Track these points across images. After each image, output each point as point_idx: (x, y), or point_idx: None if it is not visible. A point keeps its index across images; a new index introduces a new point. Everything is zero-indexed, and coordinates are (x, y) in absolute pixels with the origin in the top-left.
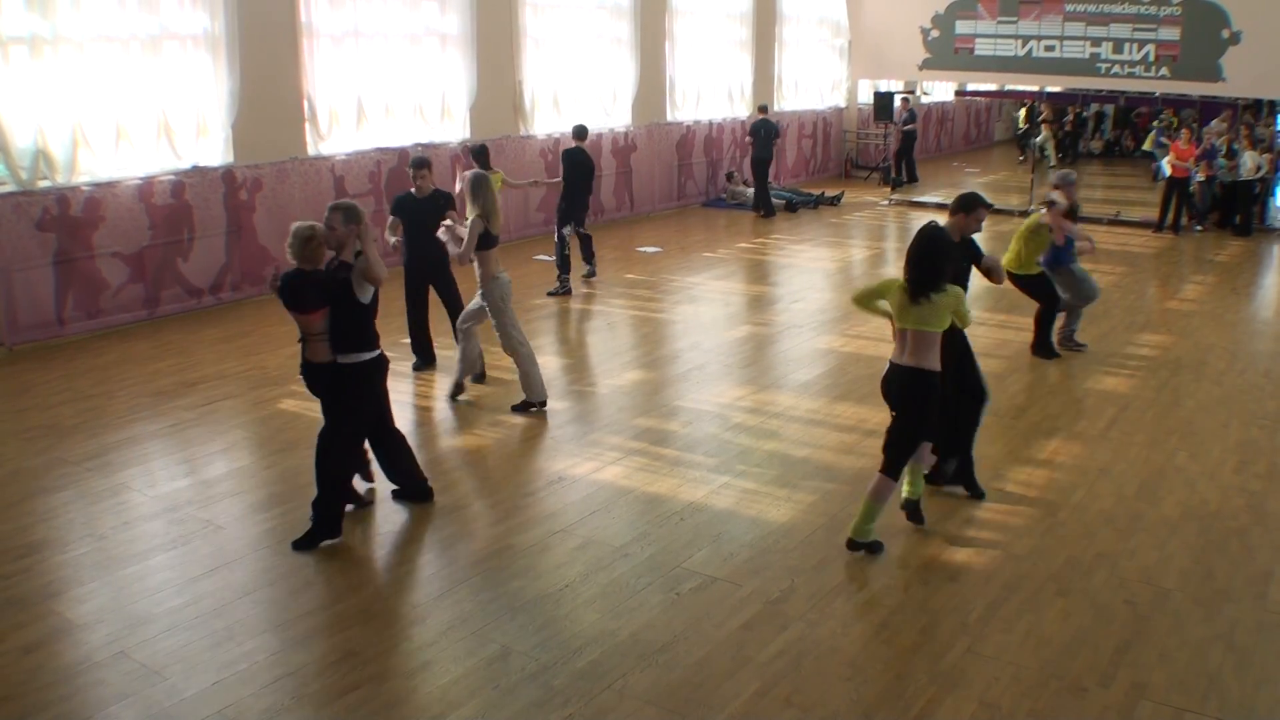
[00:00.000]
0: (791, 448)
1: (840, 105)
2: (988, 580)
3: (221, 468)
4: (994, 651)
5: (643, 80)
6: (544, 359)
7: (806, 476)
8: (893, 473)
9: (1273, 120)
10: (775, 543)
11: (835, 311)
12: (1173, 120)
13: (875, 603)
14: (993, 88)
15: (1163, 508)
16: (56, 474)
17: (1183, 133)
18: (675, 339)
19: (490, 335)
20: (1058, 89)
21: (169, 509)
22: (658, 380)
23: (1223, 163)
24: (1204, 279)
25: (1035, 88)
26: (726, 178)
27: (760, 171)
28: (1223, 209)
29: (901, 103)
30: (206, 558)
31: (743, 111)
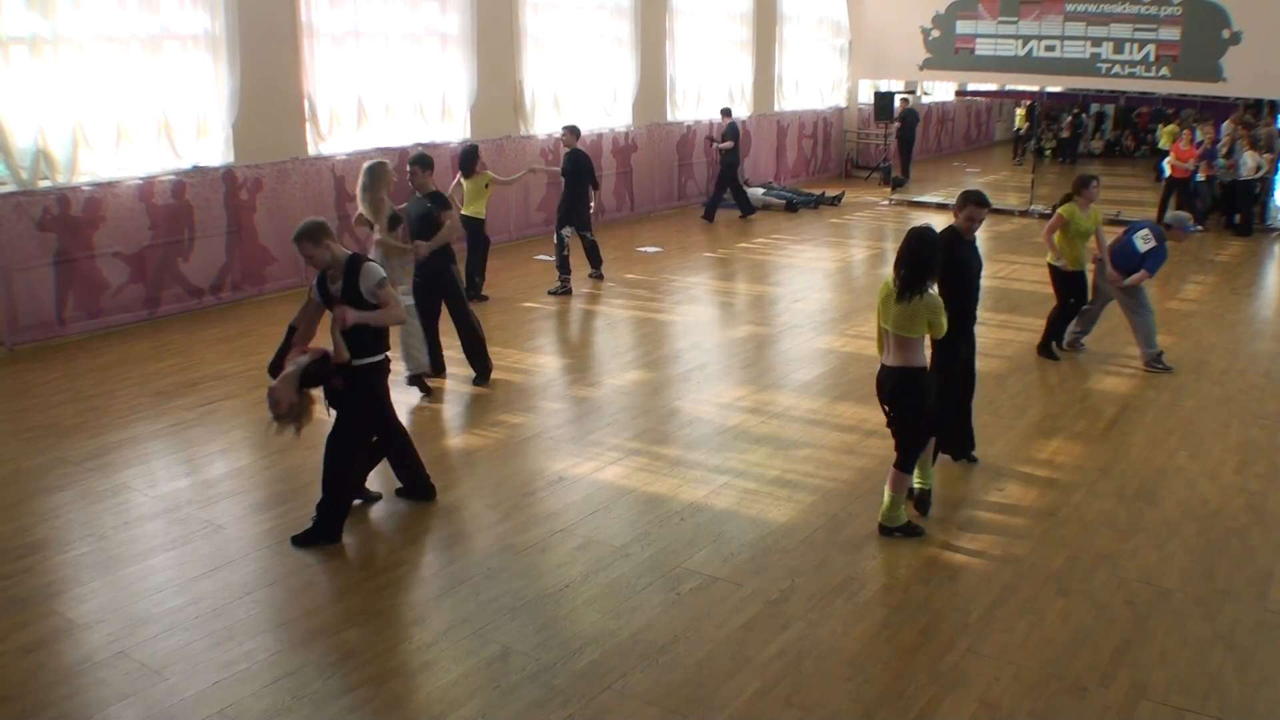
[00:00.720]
0: (792, 448)
1: (841, 105)
2: (988, 580)
3: (222, 468)
4: (994, 651)
5: (643, 80)
6: (545, 359)
7: (807, 476)
8: (906, 467)
9: (1273, 120)
10: (776, 543)
11: (835, 311)
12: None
13: (876, 603)
14: (993, 88)
15: (1163, 508)
16: (57, 474)
17: (1183, 133)
18: (676, 339)
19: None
20: (1058, 89)
21: (169, 509)
22: (658, 380)
23: (1222, 162)
24: (1204, 279)
25: (1035, 88)
26: None
27: (735, 174)
28: (1223, 209)
29: (901, 102)
30: (207, 558)
31: (744, 111)
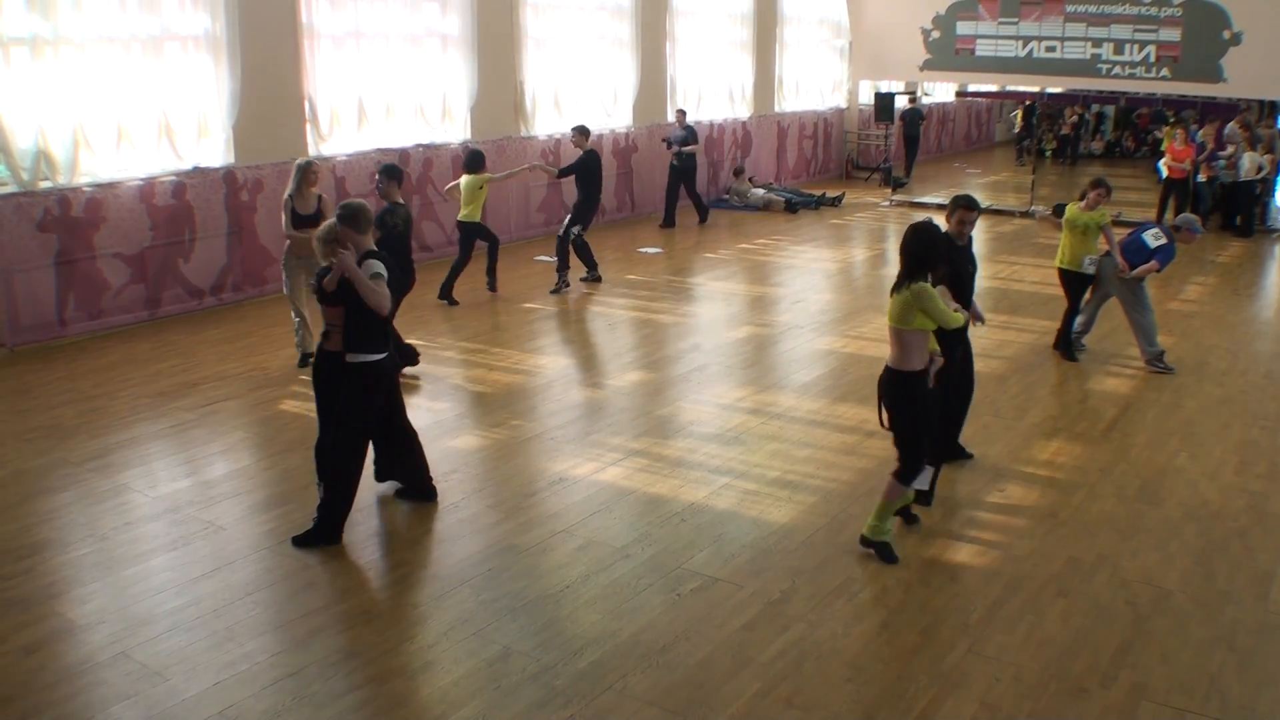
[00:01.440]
0: (793, 449)
1: (841, 106)
2: (989, 581)
3: (222, 468)
4: (995, 652)
5: (643, 81)
6: (546, 360)
7: (808, 477)
8: (905, 479)
9: (1273, 120)
10: (776, 543)
11: (836, 312)
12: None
13: (876, 603)
14: (993, 89)
15: (1164, 508)
16: (58, 475)
17: (1177, 133)
18: (676, 340)
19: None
20: (1058, 90)
21: (170, 510)
22: (659, 381)
23: (1222, 163)
24: (1205, 280)
25: (1036, 89)
26: (734, 174)
27: (694, 179)
28: (1223, 210)
29: (908, 100)
30: (207, 558)
31: (744, 112)
